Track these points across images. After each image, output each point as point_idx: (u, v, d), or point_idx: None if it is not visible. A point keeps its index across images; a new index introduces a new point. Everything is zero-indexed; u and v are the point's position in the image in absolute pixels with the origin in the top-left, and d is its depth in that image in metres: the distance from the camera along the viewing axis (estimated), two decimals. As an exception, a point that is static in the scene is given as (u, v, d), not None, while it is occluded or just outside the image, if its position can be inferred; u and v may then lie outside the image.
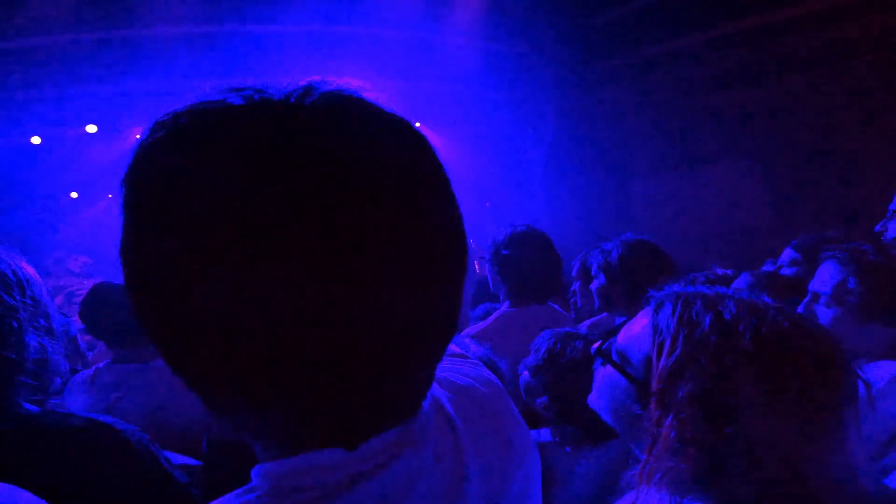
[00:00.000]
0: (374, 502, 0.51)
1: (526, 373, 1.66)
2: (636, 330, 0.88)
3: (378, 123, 0.51)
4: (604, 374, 0.94)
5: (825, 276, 1.47)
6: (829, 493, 0.72)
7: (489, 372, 0.73)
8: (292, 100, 0.48)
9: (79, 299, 4.63)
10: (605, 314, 2.41)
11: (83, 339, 3.20)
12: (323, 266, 0.43)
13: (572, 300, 3.29)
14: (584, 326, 2.39)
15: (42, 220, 7.58)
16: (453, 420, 0.61)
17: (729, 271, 2.10)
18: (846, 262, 1.42)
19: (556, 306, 2.50)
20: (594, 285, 2.31)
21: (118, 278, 0.48)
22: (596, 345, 0.96)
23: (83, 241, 7.48)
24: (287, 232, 0.42)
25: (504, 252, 2.36)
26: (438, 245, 0.50)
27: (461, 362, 0.72)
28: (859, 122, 6.07)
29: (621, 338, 0.91)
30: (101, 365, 2.14)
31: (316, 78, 0.51)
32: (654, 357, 0.81)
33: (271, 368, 0.45)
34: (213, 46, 5.66)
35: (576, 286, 2.59)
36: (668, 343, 0.79)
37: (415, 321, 0.48)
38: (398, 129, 0.53)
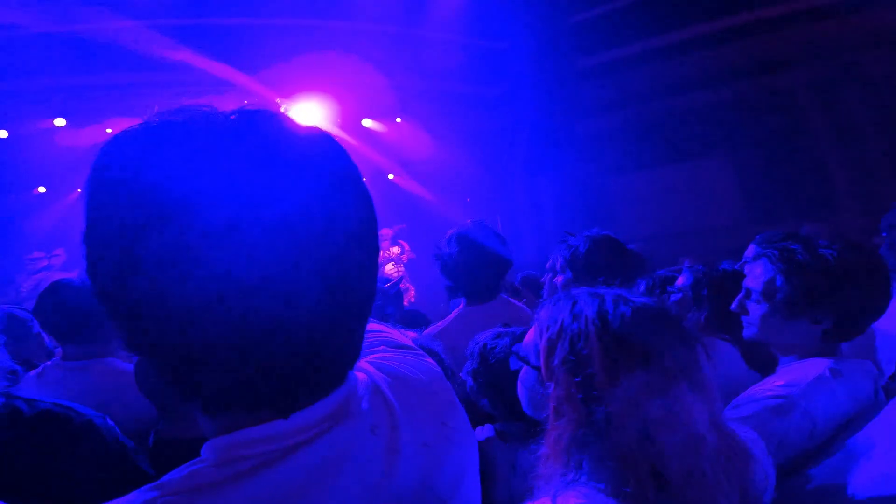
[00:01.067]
0: (312, 468, 0.57)
1: (468, 378, 1.69)
2: (530, 333, 1.07)
3: (298, 131, 0.58)
4: (519, 379, 1.13)
5: (756, 273, 1.51)
6: (677, 456, 0.84)
7: (431, 362, 0.79)
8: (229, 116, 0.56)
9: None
10: None
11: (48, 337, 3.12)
12: (254, 247, 0.50)
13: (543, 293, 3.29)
14: None
15: (9, 216, 7.33)
16: (390, 400, 0.66)
17: (699, 267, 2.14)
18: (775, 261, 1.46)
19: (515, 301, 2.50)
20: (560, 280, 2.29)
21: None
22: (513, 356, 1.13)
23: (51, 236, 7.26)
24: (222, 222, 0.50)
25: (450, 251, 2.34)
26: (353, 235, 0.57)
27: (404, 353, 0.78)
28: (830, 120, 6.25)
29: (523, 342, 1.10)
30: (49, 363, 2.13)
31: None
32: (539, 343, 0.99)
33: (213, 342, 0.51)
34: (190, 39, 5.52)
35: (546, 279, 2.57)
36: (544, 329, 0.98)
37: (334, 299, 0.54)
38: (315, 135, 0.59)
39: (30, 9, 4.81)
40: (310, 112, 6.90)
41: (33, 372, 2.08)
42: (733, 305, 1.56)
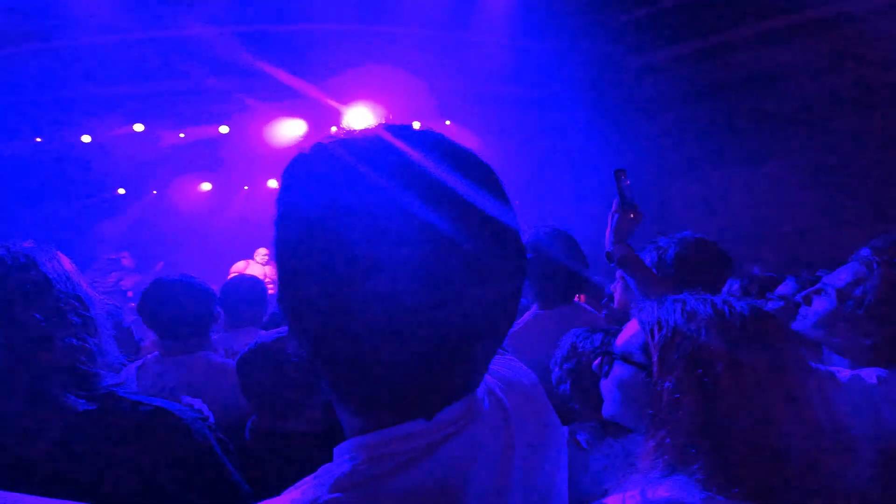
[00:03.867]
0: (450, 463, 0.62)
1: (556, 367, 1.75)
2: (629, 332, 1.10)
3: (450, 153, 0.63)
4: (610, 378, 1.13)
5: (841, 273, 1.53)
6: (797, 445, 0.86)
7: (525, 366, 0.86)
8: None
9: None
10: None
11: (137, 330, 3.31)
12: (409, 279, 0.55)
13: (604, 301, 3.17)
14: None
15: (92, 216, 7.91)
16: (503, 402, 0.72)
17: (805, 275, 2.08)
18: (863, 265, 1.49)
19: (586, 306, 2.48)
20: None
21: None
22: (597, 361, 1.16)
23: (128, 235, 7.79)
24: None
25: (527, 255, 2.32)
26: (498, 255, 0.61)
27: (503, 358, 0.84)
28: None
29: (618, 342, 1.12)
30: (149, 357, 2.24)
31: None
32: (649, 340, 1.01)
33: (375, 355, 0.57)
34: (251, 45, 5.82)
35: (617, 287, 2.51)
36: (654, 329, 1.01)
37: (481, 317, 0.59)
38: (467, 157, 0.65)
39: (111, 18, 5.23)
40: (362, 116, 7.09)
41: (133, 364, 2.22)
42: (799, 296, 1.59)
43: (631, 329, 1.09)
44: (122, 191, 8.10)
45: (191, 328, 2.19)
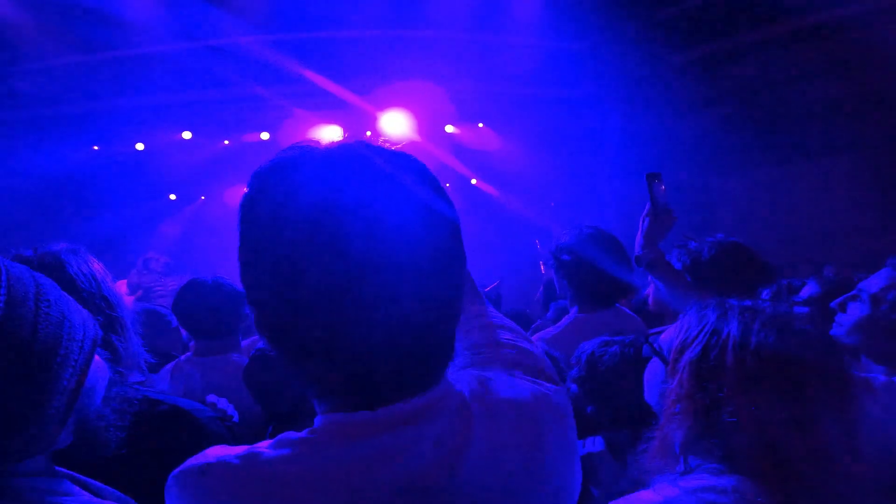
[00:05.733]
0: (363, 456, 0.66)
1: (573, 385, 1.71)
2: (670, 330, 1.14)
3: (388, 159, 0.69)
4: (648, 369, 1.20)
5: (877, 279, 1.52)
6: (805, 462, 0.87)
7: (548, 387, 0.81)
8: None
9: (158, 296, 5.03)
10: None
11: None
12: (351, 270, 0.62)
13: (634, 301, 3.05)
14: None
15: (147, 220, 8.34)
16: (472, 419, 0.71)
17: (829, 276, 2.05)
18: None
19: (625, 309, 2.40)
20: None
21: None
22: (646, 346, 1.20)
23: (181, 238, 8.18)
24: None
25: (566, 257, 2.27)
26: (438, 253, 0.67)
27: (523, 379, 0.80)
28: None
29: (664, 336, 1.17)
30: (182, 358, 2.35)
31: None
32: (674, 341, 1.06)
33: (322, 347, 0.64)
34: (290, 53, 6.03)
35: (651, 289, 2.41)
36: (682, 330, 1.05)
37: (416, 313, 0.64)
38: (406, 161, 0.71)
39: (162, 28, 5.55)
40: (396, 121, 7.18)
41: (168, 366, 2.33)
42: (834, 303, 1.58)
43: (673, 327, 1.15)
44: (173, 196, 8.54)
45: (220, 328, 2.28)
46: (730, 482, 0.89)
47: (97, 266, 1.25)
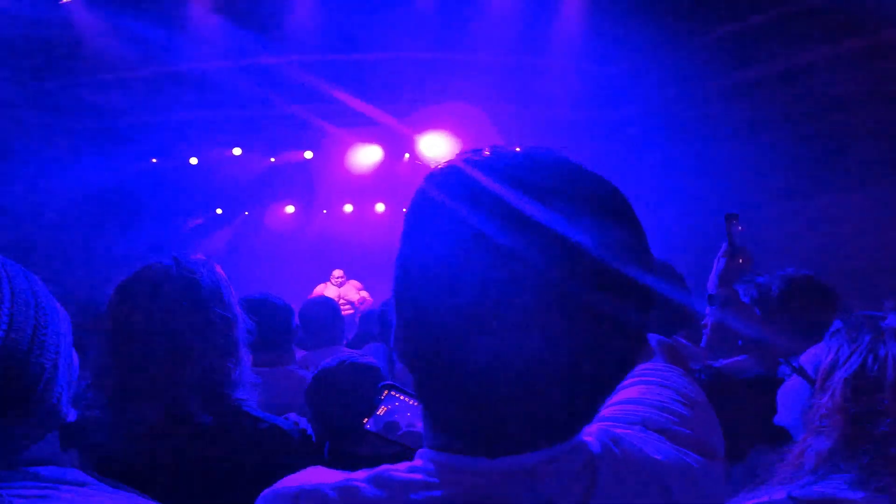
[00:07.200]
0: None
1: None
2: (813, 351, 1.20)
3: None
4: (785, 390, 1.27)
5: None
6: None
7: (693, 457, 0.71)
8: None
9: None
10: (745, 356, 2.16)
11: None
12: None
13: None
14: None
15: (192, 233, 8.67)
16: (597, 481, 0.63)
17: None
18: None
19: (684, 341, 2.37)
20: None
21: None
22: (788, 366, 1.28)
23: (224, 252, 8.46)
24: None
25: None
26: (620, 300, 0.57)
27: (664, 443, 0.71)
28: None
29: (803, 358, 1.23)
30: None
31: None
32: (825, 360, 1.11)
33: (456, 370, 0.58)
34: (334, 73, 6.27)
35: (709, 321, 2.33)
36: (833, 351, 1.10)
37: (568, 362, 0.56)
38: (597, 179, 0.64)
39: (214, 47, 5.89)
40: (436, 144, 7.29)
41: None
42: None
43: (815, 349, 1.21)
44: (219, 210, 8.88)
45: (271, 342, 2.31)
46: (859, 496, 0.93)
47: (226, 282, 1.31)
